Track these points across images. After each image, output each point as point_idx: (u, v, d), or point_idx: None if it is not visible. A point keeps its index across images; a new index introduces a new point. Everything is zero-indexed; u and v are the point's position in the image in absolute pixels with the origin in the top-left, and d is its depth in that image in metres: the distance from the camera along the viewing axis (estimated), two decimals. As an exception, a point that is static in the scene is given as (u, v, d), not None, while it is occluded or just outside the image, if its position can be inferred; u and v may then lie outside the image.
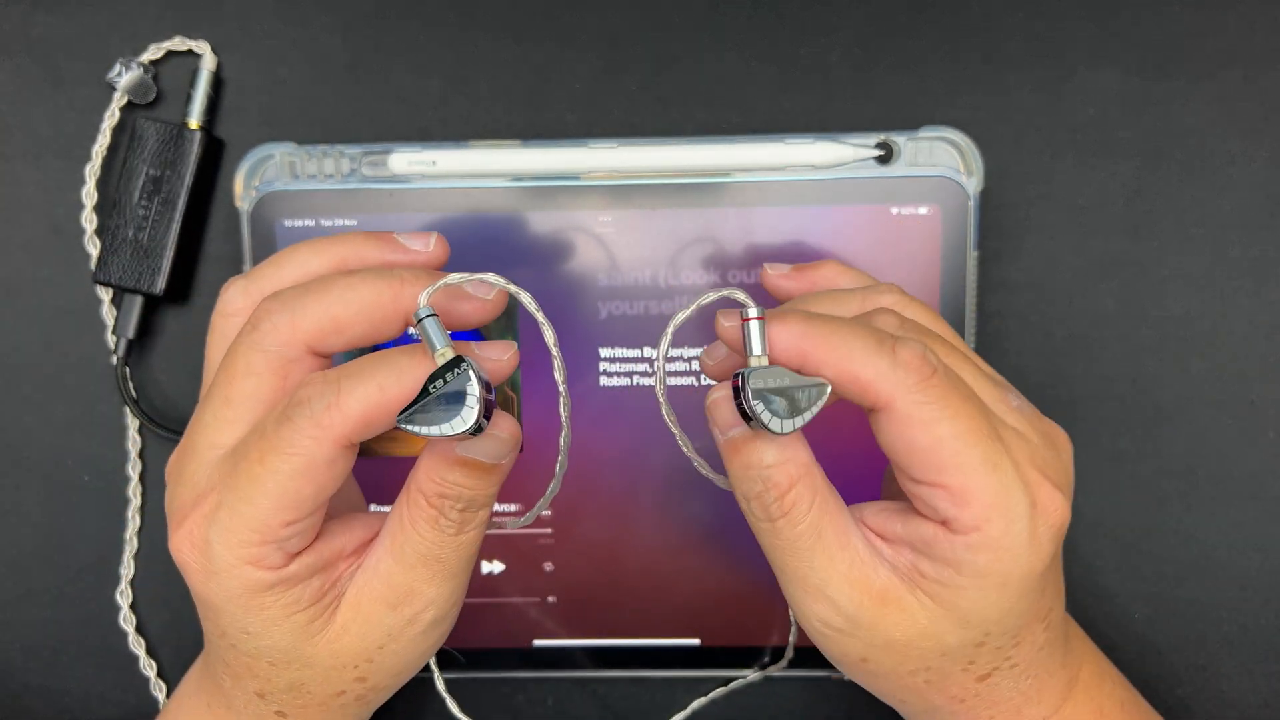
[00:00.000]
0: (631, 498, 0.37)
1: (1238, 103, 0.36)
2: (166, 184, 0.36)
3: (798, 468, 0.27)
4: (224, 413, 0.27)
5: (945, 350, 0.28)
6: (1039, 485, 0.26)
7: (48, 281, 0.38)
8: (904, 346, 0.26)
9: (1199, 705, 0.38)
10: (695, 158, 0.35)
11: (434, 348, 0.25)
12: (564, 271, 0.36)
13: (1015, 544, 0.26)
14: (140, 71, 0.37)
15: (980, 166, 0.35)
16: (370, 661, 0.28)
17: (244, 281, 0.30)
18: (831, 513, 0.27)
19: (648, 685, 0.39)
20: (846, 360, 0.26)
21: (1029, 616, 0.28)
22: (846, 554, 0.27)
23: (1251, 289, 0.37)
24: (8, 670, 0.39)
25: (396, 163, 0.36)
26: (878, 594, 0.27)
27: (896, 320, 0.28)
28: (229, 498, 0.26)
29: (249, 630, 0.27)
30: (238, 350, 0.27)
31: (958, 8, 0.37)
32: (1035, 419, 0.28)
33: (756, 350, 0.26)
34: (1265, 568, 0.37)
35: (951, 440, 0.25)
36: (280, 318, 0.27)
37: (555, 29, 0.37)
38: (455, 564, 0.28)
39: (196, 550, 0.26)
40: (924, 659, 0.28)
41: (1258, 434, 0.37)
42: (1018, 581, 0.26)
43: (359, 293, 0.27)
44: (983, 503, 0.26)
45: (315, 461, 0.25)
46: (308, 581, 0.27)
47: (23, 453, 0.38)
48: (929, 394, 0.25)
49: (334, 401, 0.25)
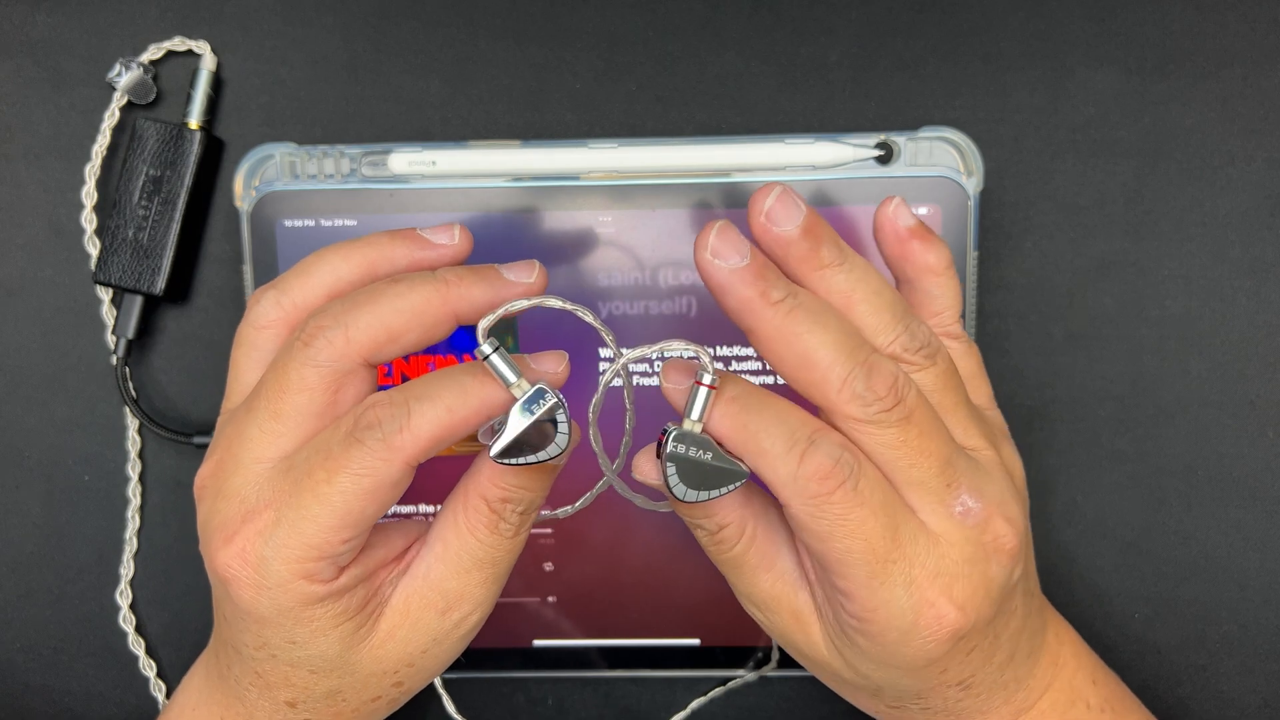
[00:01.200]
0: (631, 498, 0.37)
1: (1238, 103, 0.36)
2: (166, 184, 0.36)
3: (727, 513, 0.28)
4: (272, 426, 0.27)
5: (914, 440, 0.26)
6: (929, 605, 0.26)
7: (48, 281, 0.38)
8: (814, 454, 0.25)
9: (1199, 705, 0.38)
10: (695, 158, 0.35)
11: (508, 381, 0.26)
12: (564, 271, 0.36)
13: (892, 644, 0.27)
14: (140, 71, 0.37)
15: (980, 166, 0.35)
16: (411, 666, 0.29)
17: (274, 293, 0.29)
18: (760, 542, 0.28)
19: (648, 685, 0.39)
20: (753, 455, 0.26)
21: (929, 685, 0.28)
22: (770, 575, 0.28)
23: (1251, 289, 0.37)
24: (8, 670, 0.39)
25: (396, 163, 0.36)
26: (791, 612, 0.28)
27: (893, 398, 0.26)
28: (289, 515, 0.26)
29: (295, 640, 0.27)
30: (289, 365, 0.27)
31: (957, 8, 0.37)
32: (979, 526, 0.27)
33: (694, 415, 0.26)
34: (1265, 568, 0.37)
35: (841, 554, 0.26)
36: (334, 333, 0.27)
37: (555, 29, 0.37)
38: (506, 566, 0.29)
39: (249, 566, 0.26)
40: (832, 678, 0.30)
41: (1258, 434, 0.37)
42: (901, 667, 0.27)
43: (408, 300, 0.27)
44: (864, 605, 0.26)
45: (383, 482, 0.26)
46: (354, 592, 0.27)
47: (23, 453, 0.38)
48: (825, 509, 0.25)
49: (405, 424, 0.25)
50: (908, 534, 0.26)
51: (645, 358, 0.27)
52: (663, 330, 0.36)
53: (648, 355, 0.27)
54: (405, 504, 0.37)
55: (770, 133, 0.36)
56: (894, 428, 0.26)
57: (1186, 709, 0.38)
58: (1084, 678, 0.31)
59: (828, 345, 0.26)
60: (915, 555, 0.26)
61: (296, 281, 0.29)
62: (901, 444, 0.26)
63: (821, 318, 0.26)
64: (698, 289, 0.36)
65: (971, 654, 0.28)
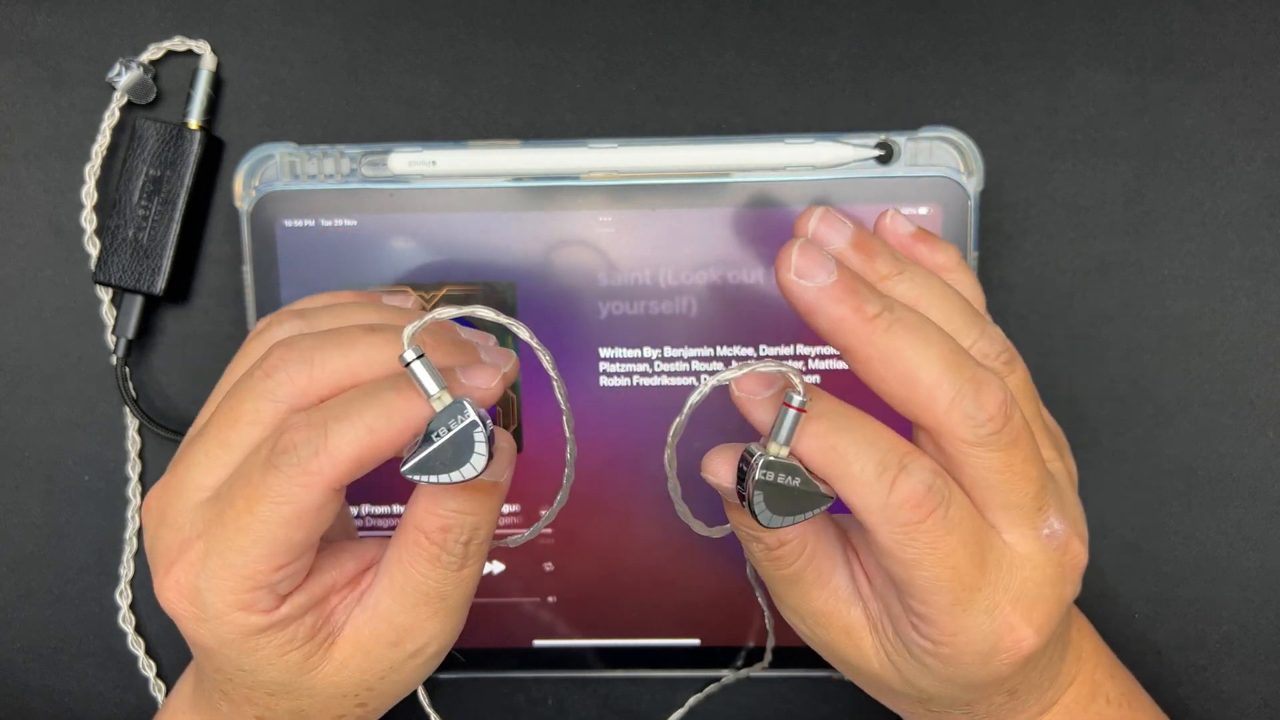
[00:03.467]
0: (631, 498, 0.37)
1: (1238, 103, 0.36)
2: (166, 184, 0.36)
3: (790, 531, 0.27)
4: (218, 454, 0.26)
5: (1018, 465, 0.25)
6: (1010, 629, 0.26)
7: (48, 281, 0.38)
8: (906, 480, 0.24)
9: (1199, 705, 0.38)
10: (695, 158, 0.35)
11: (429, 393, 0.24)
12: (564, 271, 0.36)
13: (966, 667, 0.26)
14: (140, 71, 0.37)
15: (980, 166, 0.35)
16: (370, 690, 0.28)
17: (301, 325, 0.28)
18: (819, 559, 0.28)
19: (648, 685, 0.39)
20: (843, 479, 0.25)
21: (983, 695, 0.28)
22: (824, 592, 0.28)
23: (1251, 289, 0.37)
24: (8, 670, 0.39)
25: (396, 163, 0.36)
26: (842, 628, 0.28)
27: (1002, 418, 0.25)
28: (217, 546, 0.25)
29: (244, 668, 0.27)
30: (246, 395, 0.26)
31: (957, 8, 0.37)
32: (1062, 548, 0.27)
33: (781, 439, 0.25)
34: (1265, 568, 0.37)
35: (926, 581, 0.25)
36: (298, 369, 0.25)
37: (555, 29, 0.37)
38: (457, 600, 0.28)
39: (185, 599, 0.26)
40: (878, 688, 0.29)
41: (1258, 434, 0.37)
42: (964, 685, 0.27)
43: (384, 353, 0.26)
44: (944, 630, 0.26)
45: (305, 508, 0.25)
46: (301, 620, 0.26)
47: (23, 453, 0.38)
48: (915, 537, 0.24)
49: (321, 447, 0.24)
50: (993, 559, 0.25)
51: (723, 382, 0.26)
52: (663, 331, 0.36)
53: (733, 375, 0.25)
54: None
55: (770, 133, 0.36)
56: (1000, 451, 0.25)
57: (1186, 709, 0.38)
58: (1103, 672, 0.31)
59: (932, 361, 0.25)
60: (999, 580, 0.25)
61: (328, 323, 0.28)
62: (1005, 468, 0.25)
63: (923, 332, 0.25)
64: (698, 289, 0.36)
65: (1033, 667, 0.28)
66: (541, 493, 0.37)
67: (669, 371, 0.36)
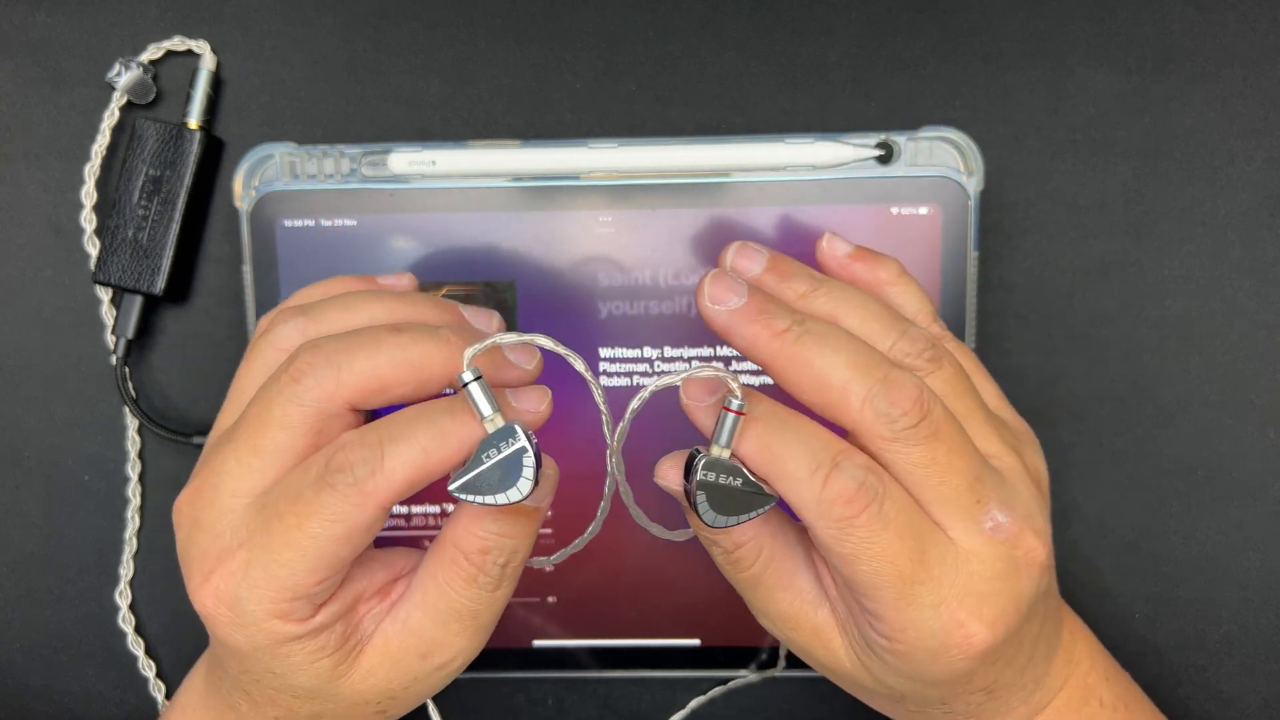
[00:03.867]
0: (632, 498, 0.37)
1: (1238, 103, 0.36)
2: (166, 184, 0.36)
3: (744, 534, 0.27)
4: (250, 461, 0.26)
5: (942, 457, 0.26)
6: (958, 625, 0.26)
7: (48, 281, 0.38)
8: (839, 477, 0.25)
9: (1199, 705, 0.38)
10: (695, 158, 0.35)
11: (483, 414, 0.25)
12: (564, 271, 0.36)
13: (921, 661, 0.26)
14: (140, 71, 0.37)
15: (980, 166, 0.35)
16: (394, 698, 0.28)
17: (305, 321, 0.28)
18: (777, 561, 0.28)
19: (648, 685, 0.39)
20: (779, 478, 0.26)
21: (955, 693, 0.28)
22: (789, 594, 0.28)
23: (1251, 289, 0.37)
24: (8, 670, 0.39)
25: (396, 163, 0.36)
26: (811, 629, 0.28)
27: (918, 412, 0.25)
28: (262, 557, 0.25)
29: (274, 671, 0.27)
30: (274, 400, 0.26)
31: (957, 8, 0.37)
32: (1011, 540, 0.26)
33: (722, 441, 0.26)
34: (1265, 568, 0.37)
35: (867, 576, 0.25)
36: (325, 373, 0.26)
37: (555, 29, 0.37)
38: (487, 619, 0.28)
39: (225, 605, 0.26)
40: (856, 688, 0.29)
41: (1258, 434, 0.37)
42: (927, 680, 0.27)
43: (409, 354, 0.26)
44: (892, 626, 0.26)
45: (356, 526, 0.25)
46: (332, 628, 0.27)
47: (23, 453, 0.38)
48: (850, 533, 0.25)
49: (378, 467, 0.25)
50: (935, 555, 0.26)
51: (671, 386, 0.27)
52: (663, 331, 0.36)
53: (674, 384, 0.26)
54: (415, 502, 0.37)
55: (770, 133, 0.36)
56: (921, 445, 0.25)
57: (1186, 709, 0.38)
58: (1098, 675, 0.31)
59: (841, 365, 0.26)
60: (943, 576, 0.26)
61: (331, 315, 0.28)
62: (930, 462, 0.26)
63: (831, 339, 0.26)
64: (698, 289, 0.36)
65: (996, 663, 0.27)
66: (555, 500, 0.37)
67: (669, 371, 0.36)
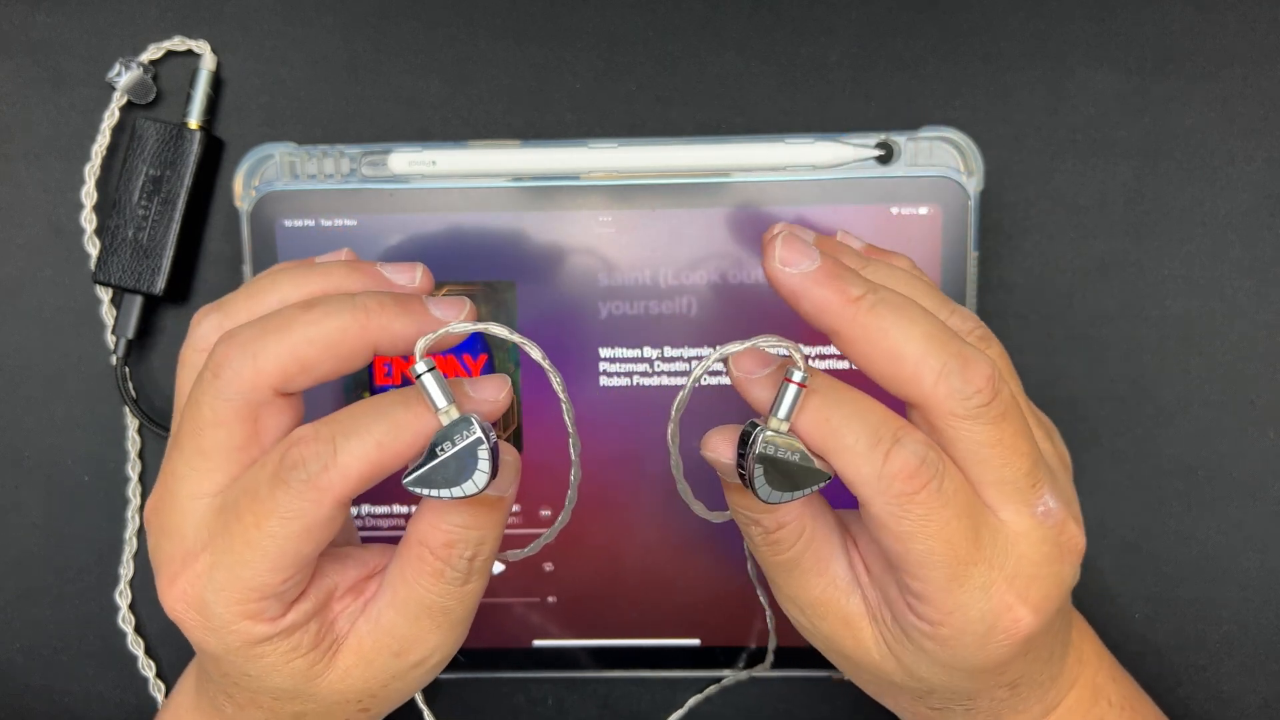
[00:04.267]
0: (631, 498, 0.37)
1: (1238, 103, 0.36)
2: (166, 184, 0.36)
3: (788, 513, 0.27)
4: (199, 463, 0.26)
5: (1008, 439, 0.25)
6: (1006, 609, 0.26)
7: (48, 281, 0.38)
8: (899, 453, 0.24)
9: (1199, 705, 0.38)
10: (695, 158, 0.35)
11: (437, 406, 0.25)
12: (564, 271, 0.36)
13: (965, 649, 0.26)
14: (140, 71, 0.37)
15: (980, 166, 0.35)
16: (374, 696, 0.28)
17: (218, 316, 0.28)
18: (817, 544, 0.27)
19: (648, 685, 0.39)
20: (838, 452, 0.25)
21: (984, 686, 0.28)
22: (823, 580, 0.28)
23: (1251, 289, 0.37)
24: (8, 670, 0.39)
25: (396, 163, 0.36)
26: (842, 618, 0.28)
27: (991, 391, 0.25)
28: (224, 559, 0.25)
29: (249, 674, 0.27)
30: (202, 399, 0.26)
31: (957, 8, 0.37)
32: (1057, 526, 0.26)
33: (782, 414, 0.25)
34: (1265, 568, 0.37)
35: (921, 555, 0.25)
36: (242, 363, 0.25)
37: (555, 29, 0.37)
38: (461, 613, 0.28)
39: (192, 609, 0.26)
40: (878, 682, 0.29)
41: (1258, 434, 0.37)
42: (965, 670, 0.27)
43: (322, 329, 0.25)
44: (939, 609, 0.26)
45: (314, 523, 0.25)
46: (305, 627, 0.26)
47: (23, 453, 0.38)
48: (909, 509, 0.25)
49: (331, 462, 0.24)
50: (988, 536, 0.25)
51: (737, 352, 0.26)
52: (663, 331, 0.36)
53: (740, 350, 0.26)
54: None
55: (770, 133, 0.36)
56: (990, 424, 0.25)
57: (1186, 709, 0.38)
58: (1105, 675, 0.31)
59: (916, 339, 0.25)
60: (994, 558, 0.25)
61: (243, 304, 0.28)
62: (996, 442, 0.25)
63: (907, 311, 0.25)
64: (698, 289, 0.36)
65: (1029, 655, 0.27)
66: (542, 493, 0.37)
67: (669, 371, 0.36)
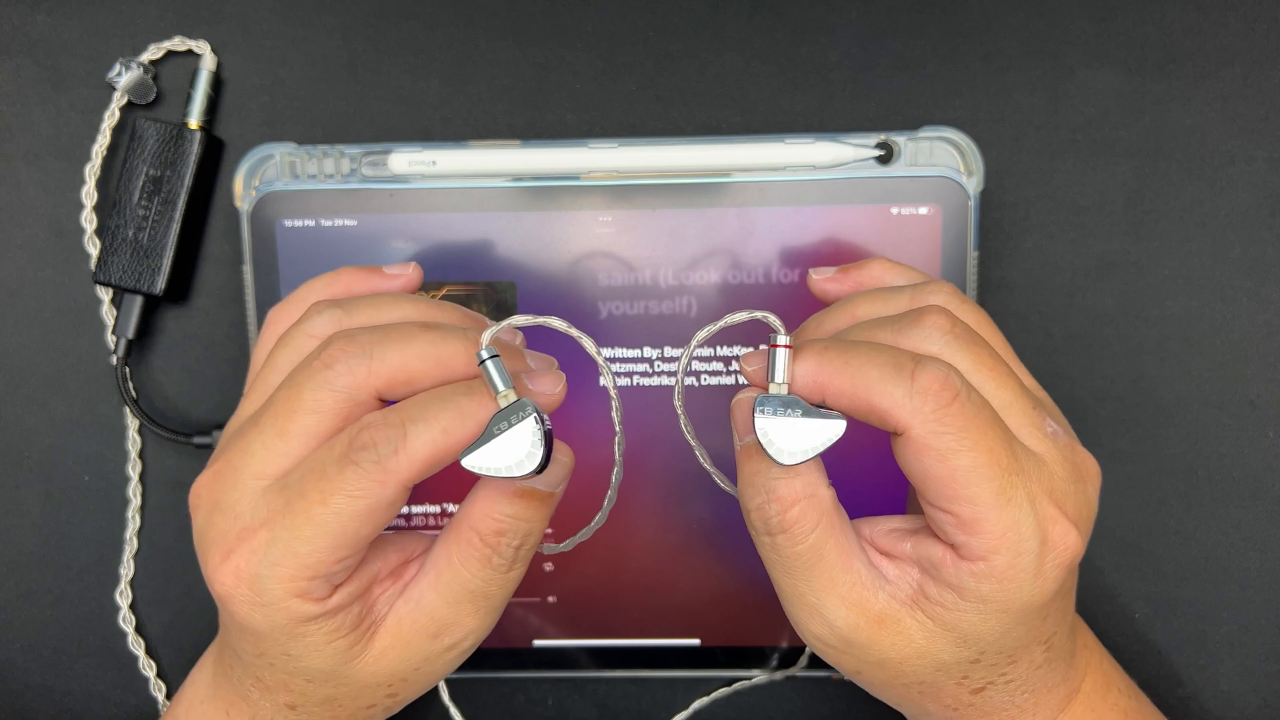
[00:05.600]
0: (632, 498, 0.37)
1: (1238, 103, 0.36)
2: (166, 184, 0.36)
3: (805, 485, 0.27)
4: (277, 444, 0.27)
5: (988, 362, 0.27)
6: (1053, 521, 0.26)
7: (48, 281, 0.38)
8: (924, 370, 0.25)
9: (1199, 705, 0.38)
10: (695, 158, 0.35)
11: (497, 389, 0.26)
12: (564, 271, 0.36)
13: (1020, 576, 0.26)
14: (140, 71, 0.37)
15: (980, 166, 0.35)
16: (405, 680, 0.29)
17: (339, 312, 0.29)
18: (836, 534, 0.27)
19: (648, 685, 0.39)
20: (863, 388, 0.26)
21: (1028, 639, 0.28)
22: (848, 576, 0.27)
23: (1251, 289, 0.37)
24: (8, 670, 0.39)
25: (396, 163, 0.36)
26: (874, 617, 0.27)
27: (947, 321, 0.27)
28: (283, 535, 0.26)
29: (290, 653, 0.27)
30: (306, 385, 0.27)
31: (958, 8, 0.37)
32: (1069, 448, 0.28)
33: (778, 377, 0.26)
34: (1265, 568, 0.37)
35: (966, 472, 0.25)
36: (358, 361, 0.26)
37: (555, 29, 0.37)
38: (499, 599, 0.28)
39: (245, 584, 0.26)
40: (918, 674, 0.28)
41: (1258, 434, 0.37)
42: (1019, 610, 0.27)
43: (439, 350, 0.27)
44: (992, 534, 0.26)
45: (378, 504, 0.25)
46: (349, 609, 0.27)
47: (23, 453, 0.38)
48: (947, 423, 0.25)
49: (400, 446, 0.25)
50: (1020, 449, 0.26)
51: (726, 327, 0.28)
52: (663, 331, 0.36)
53: (727, 325, 0.27)
54: (415, 503, 0.37)
55: (770, 133, 0.36)
56: (965, 349, 0.27)
57: (1186, 709, 0.38)
58: (1109, 663, 0.32)
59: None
60: (1030, 470, 0.26)
61: (366, 310, 0.29)
62: (979, 365, 0.27)
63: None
64: (698, 289, 0.36)
65: (1066, 596, 0.28)
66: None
67: (669, 371, 0.36)
